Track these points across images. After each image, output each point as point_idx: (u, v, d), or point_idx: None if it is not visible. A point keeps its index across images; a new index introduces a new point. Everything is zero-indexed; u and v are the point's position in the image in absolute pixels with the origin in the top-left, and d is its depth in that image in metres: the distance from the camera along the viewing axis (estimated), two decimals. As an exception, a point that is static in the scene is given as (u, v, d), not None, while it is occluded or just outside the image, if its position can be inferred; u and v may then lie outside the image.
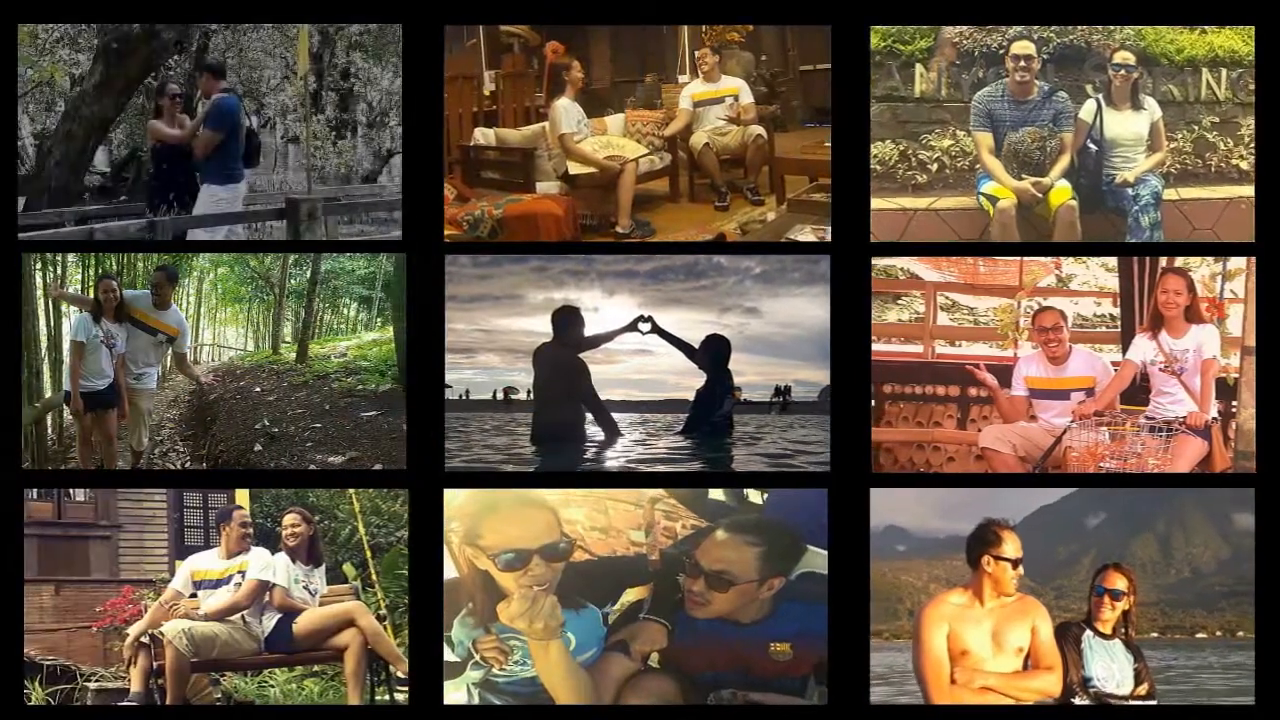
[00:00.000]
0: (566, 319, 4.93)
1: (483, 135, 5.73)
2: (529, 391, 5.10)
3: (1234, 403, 4.39)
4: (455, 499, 3.36)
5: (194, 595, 4.18)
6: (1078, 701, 2.78)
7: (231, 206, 5.92)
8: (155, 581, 4.75)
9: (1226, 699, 2.92)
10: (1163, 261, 4.62)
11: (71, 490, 4.96)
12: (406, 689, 4.05)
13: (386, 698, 4.10)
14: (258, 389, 7.01)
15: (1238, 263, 4.59)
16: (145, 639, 3.96)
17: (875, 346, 4.89)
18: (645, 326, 5.14)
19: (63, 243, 5.76)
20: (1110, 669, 2.81)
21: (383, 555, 4.80)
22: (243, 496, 4.68)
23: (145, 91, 7.61)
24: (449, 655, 3.08)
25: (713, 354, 5.12)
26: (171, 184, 6.05)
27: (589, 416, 5.01)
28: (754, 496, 3.54)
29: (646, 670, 2.93)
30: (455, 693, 3.04)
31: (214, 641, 4.00)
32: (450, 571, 3.10)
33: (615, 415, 5.08)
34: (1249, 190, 4.68)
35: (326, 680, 4.53)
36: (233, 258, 6.82)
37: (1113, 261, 4.87)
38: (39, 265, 5.91)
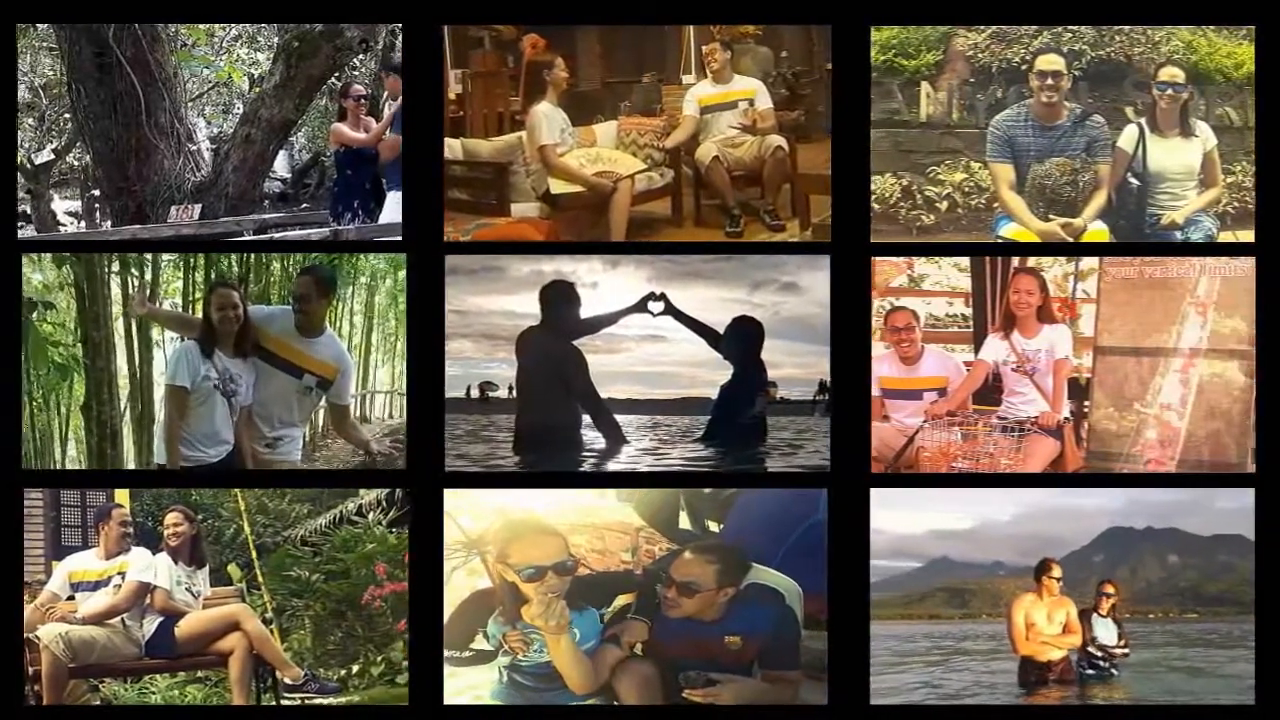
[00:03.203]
0: (559, 297, 4.39)
1: (448, 147, 4.85)
2: (511, 388, 4.55)
3: (1086, 402, 4.59)
4: (491, 525, 3.87)
5: (71, 597, 4.14)
6: (1090, 650, 4.50)
7: (418, 213, 5.91)
8: (31, 583, 4.39)
9: (1162, 648, 4.66)
10: (1015, 261, 4.52)
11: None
12: (295, 696, 4.13)
13: (272, 704, 4.15)
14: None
15: (1090, 262, 4.60)
16: (21, 643, 3.99)
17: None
18: (657, 307, 4.53)
19: (63, 242, 5.61)
20: (1106, 632, 4.55)
21: (269, 556, 4.66)
22: (122, 495, 4.40)
23: (328, 93, 7.44)
24: (484, 645, 3.77)
25: (741, 341, 4.54)
26: (356, 190, 5.99)
27: (586, 419, 4.48)
28: (713, 526, 4.24)
29: (633, 657, 3.68)
30: (489, 674, 3.80)
31: (92, 646, 4.03)
32: (484, 582, 3.80)
33: (619, 417, 4.53)
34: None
35: (210, 686, 4.44)
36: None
37: (965, 261, 4.68)
38: (115, 268, 4.47)
